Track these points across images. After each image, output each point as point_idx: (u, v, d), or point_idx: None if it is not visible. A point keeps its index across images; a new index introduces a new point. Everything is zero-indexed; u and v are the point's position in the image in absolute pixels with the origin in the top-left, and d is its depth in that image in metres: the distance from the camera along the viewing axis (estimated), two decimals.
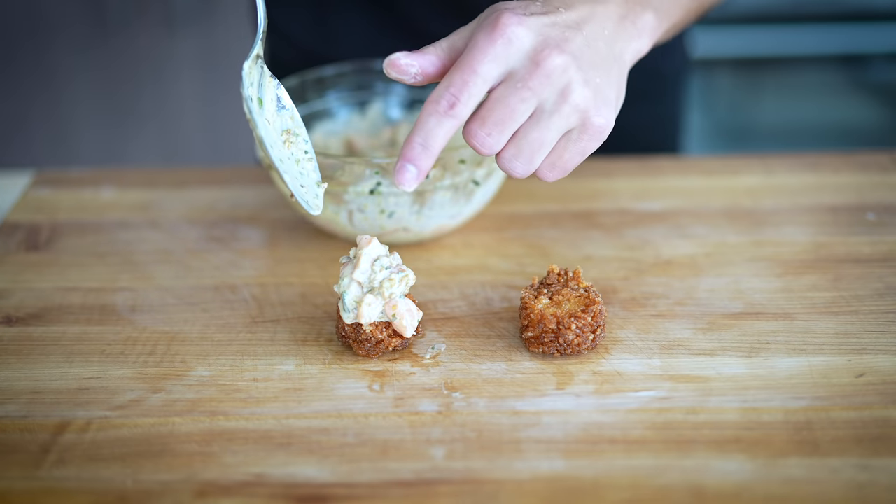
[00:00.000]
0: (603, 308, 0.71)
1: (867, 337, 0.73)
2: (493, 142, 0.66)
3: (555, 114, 0.66)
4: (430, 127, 0.65)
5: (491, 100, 0.66)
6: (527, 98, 0.65)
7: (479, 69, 0.65)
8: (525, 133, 0.67)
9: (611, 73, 0.68)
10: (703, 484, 0.60)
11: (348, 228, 0.84)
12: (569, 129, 0.67)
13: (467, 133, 0.67)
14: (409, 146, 0.66)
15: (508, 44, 0.65)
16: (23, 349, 0.74)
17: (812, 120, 2.50)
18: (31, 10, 2.22)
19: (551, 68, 0.65)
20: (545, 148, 0.67)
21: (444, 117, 0.65)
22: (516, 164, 0.68)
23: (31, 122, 2.30)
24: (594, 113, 0.67)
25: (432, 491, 0.60)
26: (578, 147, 0.68)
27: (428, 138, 0.65)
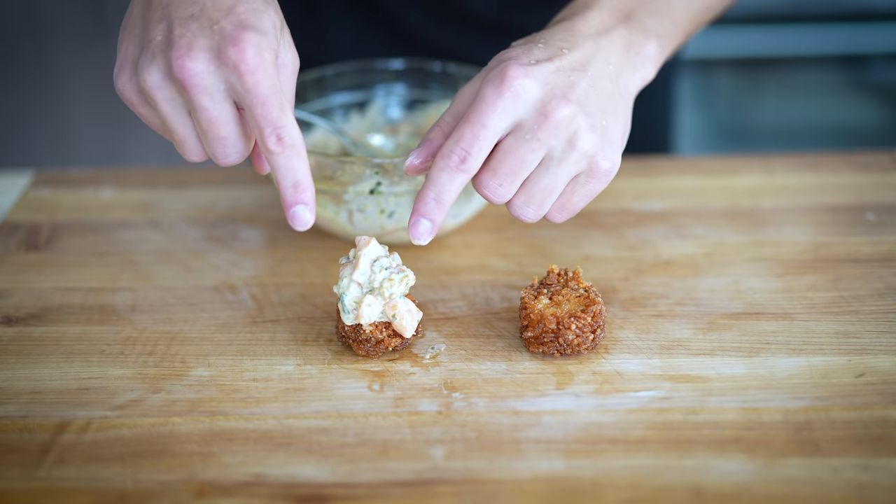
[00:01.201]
0: (603, 308, 0.71)
1: (867, 337, 0.73)
2: (504, 191, 0.68)
3: (563, 161, 0.67)
4: (442, 182, 0.67)
5: (501, 151, 0.67)
6: (536, 149, 0.67)
7: (488, 123, 0.66)
8: (535, 181, 0.68)
9: (617, 110, 0.70)
10: (703, 484, 0.60)
11: (348, 228, 0.84)
12: (577, 174, 0.69)
13: (479, 185, 0.68)
14: (422, 201, 0.67)
15: (516, 97, 0.66)
16: (22, 349, 0.74)
17: (812, 120, 2.50)
18: (31, 9, 2.22)
19: (559, 119, 0.66)
20: (555, 194, 0.69)
21: (456, 172, 0.66)
22: (527, 211, 0.69)
23: (31, 121, 2.30)
24: (601, 157, 0.68)
25: (432, 491, 0.60)
26: (586, 190, 0.70)
27: (441, 193, 0.67)
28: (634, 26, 0.73)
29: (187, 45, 0.62)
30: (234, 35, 0.62)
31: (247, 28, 0.63)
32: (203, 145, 0.67)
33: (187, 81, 0.62)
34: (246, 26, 0.63)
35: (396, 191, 0.80)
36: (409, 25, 1.08)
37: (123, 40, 0.67)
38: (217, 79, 0.63)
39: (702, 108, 2.54)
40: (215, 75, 0.63)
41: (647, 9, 0.74)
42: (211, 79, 0.63)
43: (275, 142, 0.63)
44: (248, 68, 0.62)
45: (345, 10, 1.09)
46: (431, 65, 0.95)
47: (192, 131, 0.66)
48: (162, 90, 0.64)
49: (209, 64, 0.62)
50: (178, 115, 0.65)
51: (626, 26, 0.72)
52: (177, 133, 0.66)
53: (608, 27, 0.72)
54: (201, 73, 0.62)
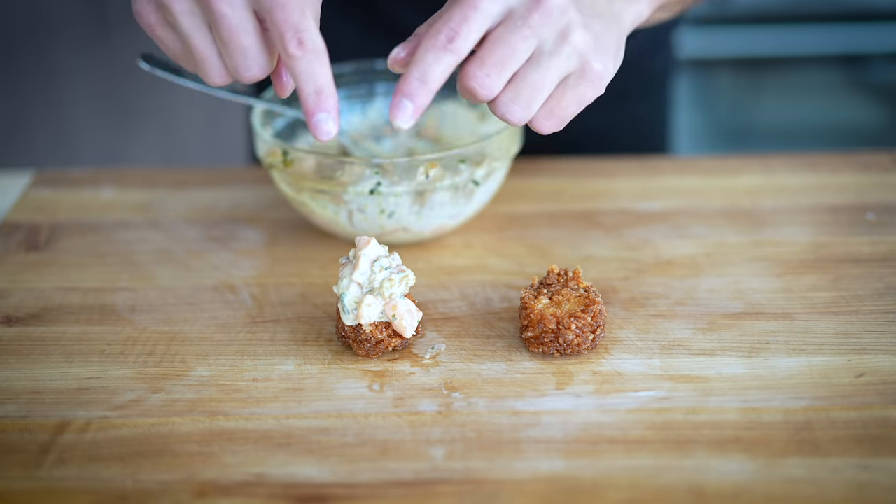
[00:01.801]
0: (603, 308, 0.71)
1: (867, 337, 0.73)
2: (491, 83, 0.64)
3: (554, 55, 0.64)
4: (428, 62, 0.63)
5: (490, 40, 0.64)
6: (527, 36, 0.63)
7: (479, 4, 0.63)
8: (523, 75, 0.65)
9: (610, 27, 0.67)
10: (703, 484, 0.60)
11: (348, 228, 0.84)
12: (567, 74, 0.66)
13: (465, 75, 0.64)
14: (406, 81, 0.63)
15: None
16: (22, 349, 0.74)
17: (812, 120, 2.50)
18: (32, 10, 2.22)
19: (552, 6, 0.63)
20: (544, 91, 0.65)
21: (443, 52, 0.63)
22: (514, 108, 0.65)
23: (32, 121, 2.30)
24: (593, 58, 0.65)
25: (432, 491, 0.60)
26: (576, 94, 0.66)
27: (426, 73, 0.63)
28: None
29: None
30: None
31: None
32: (224, 61, 0.65)
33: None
34: None
35: (396, 191, 0.80)
36: (407, 26, 1.08)
37: None
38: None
39: (702, 108, 2.54)
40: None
41: None
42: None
43: (296, 45, 0.61)
44: None
45: (343, 11, 1.09)
46: None
47: (212, 47, 0.64)
48: (180, 2, 0.63)
49: None
50: (198, 30, 0.64)
51: None
52: (197, 50, 0.64)
53: None
54: None
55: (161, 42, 0.66)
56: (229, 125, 2.13)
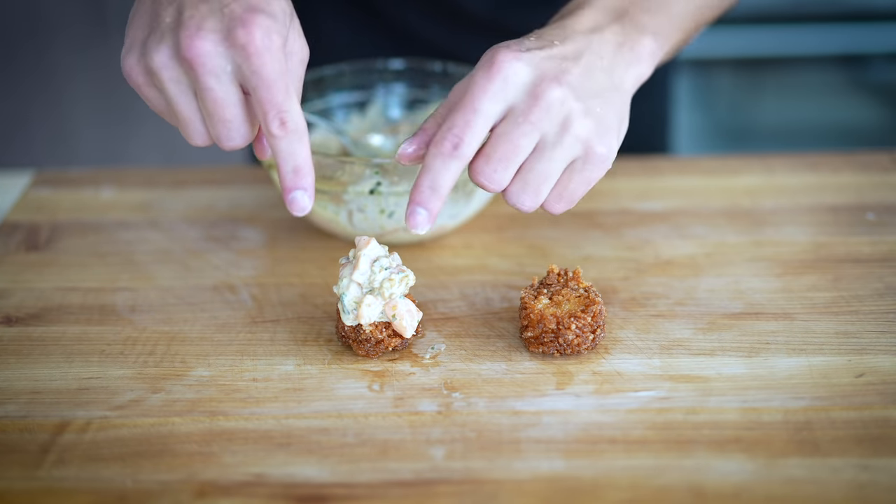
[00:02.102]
0: (603, 308, 0.71)
1: (867, 337, 0.73)
2: (499, 178, 0.67)
3: (557, 146, 0.66)
4: (436, 169, 0.66)
5: (494, 137, 0.66)
6: (528, 132, 0.66)
7: (479, 107, 0.65)
8: (530, 167, 0.67)
9: (612, 101, 0.69)
10: (703, 484, 0.60)
11: (348, 228, 0.84)
12: (573, 160, 0.68)
13: (473, 171, 0.67)
14: (417, 190, 0.66)
15: (506, 80, 0.65)
16: (22, 349, 0.74)
17: (812, 120, 2.50)
18: (31, 9, 2.22)
19: (550, 101, 0.65)
20: (550, 180, 0.68)
21: (450, 159, 0.65)
22: (524, 198, 0.68)
23: (31, 121, 2.29)
24: (597, 142, 0.67)
25: (432, 491, 0.60)
26: (583, 177, 0.68)
27: (436, 181, 0.66)
28: (629, 24, 0.72)
29: (196, 25, 0.63)
30: (244, 17, 0.62)
31: (256, 11, 0.63)
32: (208, 128, 0.66)
33: (195, 61, 0.62)
34: (256, 9, 0.63)
35: (396, 191, 0.80)
36: (407, 26, 1.08)
37: (132, 25, 0.67)
38: (224, 60, 0.63)
39: (702, 108, 2.54)
40: (223, 56, 0.63)
41: (642, 6, 0.73)
42: (218, 59, 0.63)
43: (278, 125, 0.63)
44: (256, 50, 0.62)
45: (343, 11, 1.09)
46: (431, 65, 0.95)
47: (197, 113, 0.66)
48: (169, 70, 0.64)
49: (217, 45, 0.63)
50: (183, 96, 0.65)
51: (619, 24, 0.71)
52: (182, 115, 0.66)
53: (601, 25, 0.71)
54: (209, 54, 0.62)
55: (147, 100, 0.67)
56: None
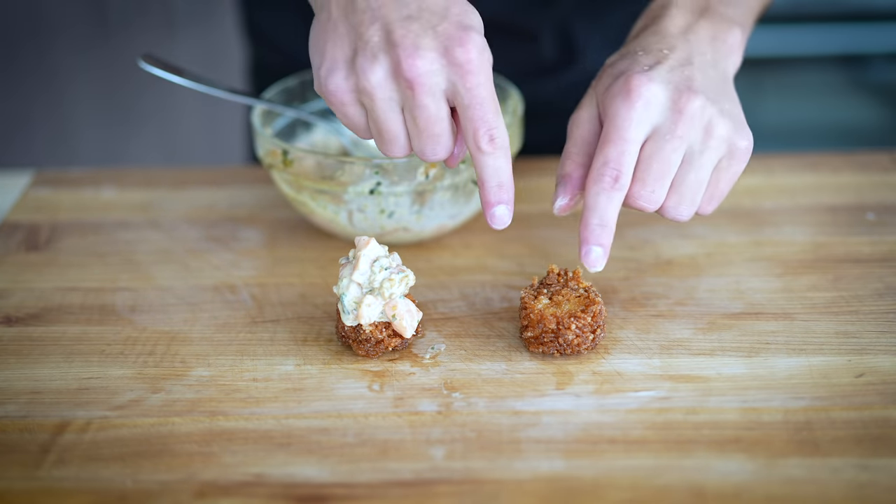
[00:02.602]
0: (603, 308, 0.71)
1: (867, 337, 0.73)
2: (657, 197, 0.69)
3: (705, 152, 0.69)
4: (602, 206, 0.68)
5: (644, 159, 0.68)
6: (678, 147, 0.68)
7: (629, 136, 0.67)
8: (682, 179, 0.69)
9: (731, 94, 0.72)
10: (703, 484, 0.60)
11: (348, 228, 0.84)
12: (719, 160, 0.70)
13: (631, 196, 0.69)
14: (588, 230, 0.68)
15: (647, 104, 0.68)
16: (22, 349, 0.74)
17: (812, 120, 2.50)
18: (32, 10, 2.23)
19: (693, 111, 0.68)
20: (703, 185, 0.70)
21: (613, 192, 0.68)
22: (682, 210, 0.70)
23: (32, 121, 2.30)
24: (738, 138, 0.70)
25: (432, 491, 0.60)
26: (730, 174, 0.71)
27: (604, 217, 0.68)
28: (715, 18, 0.75)
29: (413, 44, 0.63)
30: (461, 36, 0.64)
31: (470, 29, 0.64)
32: (412, 142, 0.67)
33: (415, 80, 0.63)
34: (468, 27, 0.64)
35: (396, 191, 0.80)
36: None
37: (327, 41, 0.67)
38: (441, 78, 0.64)
39: None
40: (440, 74, 0.64)
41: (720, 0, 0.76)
42: (436, 78, 0.64)
43: (487, 142, 0.65)
44: (474, 68, 0.64)
45: None
46: None
47: (403, 129, 0.67)
48: (384, 89, 0.65)
49: (435, 63, 0.64)
50: (392, 112, 0.66)
51: (707, 19, 0.74)
52: (389, 132, 0.67)
53: (691, 23, 0.74)
54: (429, 73, 0.64)
55: (346, 118, 0.68)
56: (229, 125, 2.13)
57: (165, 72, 0.83)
